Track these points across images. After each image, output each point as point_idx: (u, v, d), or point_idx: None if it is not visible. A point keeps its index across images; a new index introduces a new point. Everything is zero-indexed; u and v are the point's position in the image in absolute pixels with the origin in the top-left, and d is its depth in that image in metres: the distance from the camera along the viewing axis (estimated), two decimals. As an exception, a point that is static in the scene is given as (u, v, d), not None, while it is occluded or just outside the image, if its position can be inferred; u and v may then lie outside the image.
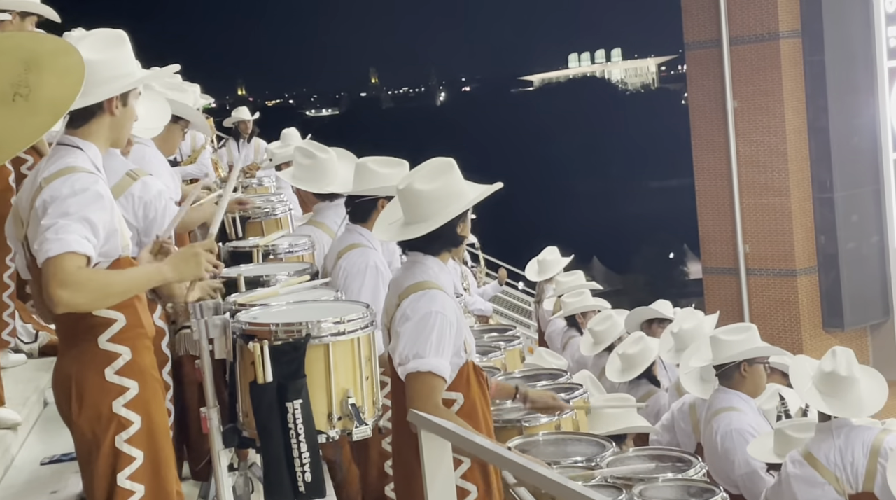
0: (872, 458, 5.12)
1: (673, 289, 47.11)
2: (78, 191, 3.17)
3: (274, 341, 3.36)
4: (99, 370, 3.26)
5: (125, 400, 3.27)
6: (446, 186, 3.87)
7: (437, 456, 3.18)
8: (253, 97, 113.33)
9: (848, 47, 19.18)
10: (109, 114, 3.35)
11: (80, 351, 3.28)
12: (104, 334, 3.27)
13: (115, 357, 3.27)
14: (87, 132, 3.33)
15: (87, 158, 3.30)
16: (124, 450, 3.27)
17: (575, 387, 5.14)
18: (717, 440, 5.77)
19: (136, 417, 3.28)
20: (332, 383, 3.41)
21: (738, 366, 5.85)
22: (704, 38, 19.95)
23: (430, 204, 3.85)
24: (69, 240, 3.09)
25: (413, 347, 3.73)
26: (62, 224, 3.10)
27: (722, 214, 20.06)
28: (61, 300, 3.07)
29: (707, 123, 20.13)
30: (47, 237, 3.09)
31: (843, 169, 19.19)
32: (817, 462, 5.23)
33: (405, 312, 3.81)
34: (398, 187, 3.93)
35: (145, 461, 3.29)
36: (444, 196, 3.85)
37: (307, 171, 5.60)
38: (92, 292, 3.12)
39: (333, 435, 3.45)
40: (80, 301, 3.10)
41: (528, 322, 16.57)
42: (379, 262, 4.89)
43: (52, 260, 3.07)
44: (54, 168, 3.24)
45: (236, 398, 3.52)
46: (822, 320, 19.52)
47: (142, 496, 3.29)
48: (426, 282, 3.85)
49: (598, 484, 4.05)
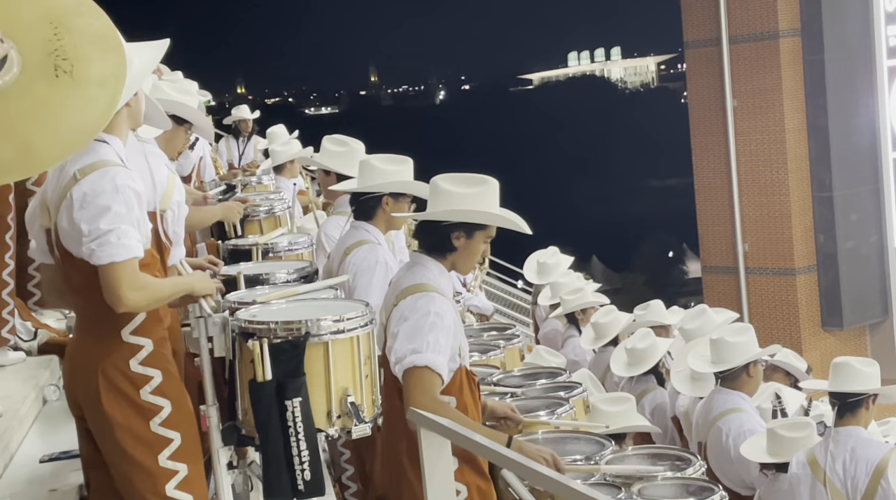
0: (875, 478, 5.11)
1: (672, 288, 47.16)
2: (121, 188, 3.27)
3: (273, 340, 3.37)
4: (124, 362, 3.36)
5: (151, 388, 3.37)
6: (466, 195, 3.85)
7: (436, 454, 3.18)
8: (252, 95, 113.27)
9: (847, 46, 19.18)
10: (126, 106, 3.42)
11: (104, 343, 3.37)
12: (127, 326, 3.37)
13: (138, 349, 3.37)
14: (109, 127, 3.36)
15: (114, 151, 3.37)
16: (160, 433, 3.36)
17: (574, 385, 5.14)
18: (730, 442, 5.77)
19: (164, 401, 3.38)
20: (331, 382, 3.42)
21: (744, 367, 5.86)
22: (704, 36, 19.96)
23: (443, 198, 3.86)
24: (131, 246, 3.25)
25: (410, 343, 3.73)
26: (123, 229, 3.24)
27: (721, 213, 20.07)
28: (130, 302, 3.25)
29: (706, 122, 20.14)
30: (111, 241, 3.22)
31: (842, 168, 19.20)
32: (818, 468, 5.23)
33: (403, 312, 3.80)
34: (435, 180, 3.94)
35: (183, 442, 3.39)
36: (457, 200, 3.85)
37: (340, 157, 5.65)
38: (151, 295, 3.31)
39: (333, 433, 3.46)
40: (144, 303, 3.30)
41: (527, 321, 16.56)
42: (388, 258, 4.89)
43: (119, 265, 3.24)
44: (87, 160, 3.30)
45: (235, 396, 3.53)
46: (820, 319, 19.54)
47: (186, 475, 3.38)
48: (425, 284, 3.84)
49: (598, 482, 4.06)
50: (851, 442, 5.23)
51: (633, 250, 57.03)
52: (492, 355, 5.63)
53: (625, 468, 4.20)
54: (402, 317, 3.79)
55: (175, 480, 3.36)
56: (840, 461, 5.20)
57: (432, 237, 3.92)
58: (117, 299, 3.23)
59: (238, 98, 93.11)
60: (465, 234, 3.88)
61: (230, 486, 3.62)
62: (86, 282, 3.32)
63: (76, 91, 3.11)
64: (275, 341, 3.36)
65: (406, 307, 3.80)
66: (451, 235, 3.87)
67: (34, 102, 3.07)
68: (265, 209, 6.19)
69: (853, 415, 5.36)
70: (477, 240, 3.91)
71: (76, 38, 3.13)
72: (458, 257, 3.92)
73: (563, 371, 5.57)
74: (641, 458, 4.37)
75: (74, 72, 3.11)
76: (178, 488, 3.37)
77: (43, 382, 5.25)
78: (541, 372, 5.45)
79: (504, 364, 5.69)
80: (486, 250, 3.99)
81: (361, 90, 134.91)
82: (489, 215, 3.86)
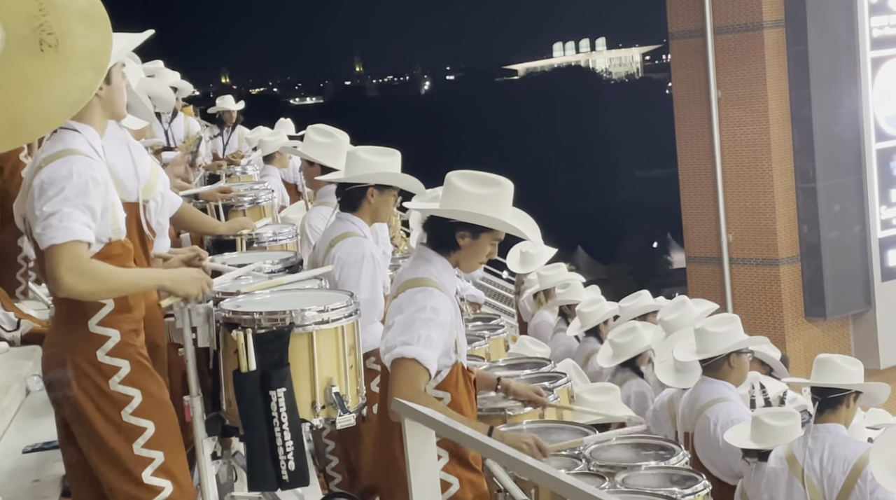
0: (852, 477, 5.11)
1: (656, 278, 47.25)
2: (75, 175, 3.24)
3: (258, 330, 3.36)
4: (92, 352, 3.35)
5: (120, 378, 3.36)
6: (478, 196, 3.83)
7: (421, 445, 3.17)
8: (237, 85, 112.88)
9: (831, 37, 19.22)
10: (95, 96, 3.36)
11: (73, 333, 3.36)
12: (94, 317, 3.35)
13: (104, 340, 3.36)
14: (80, 115, 3.35)
15: (85, 140, 3.35)
16: (132, 422, 3.35)
17: (558, 376, 5.15)
18: (718, 431, 5.78)
19: (134, 391, 3.37)
20: (315, 372, 3.41)
21: (726, 358, 5.87)
22: (689, 27, 19.97)
23: (455, 197, 3.85)
24: (74, 228, 3.20)
25: (402, 335, 3.73)
26: (66, 212, 3.20)
27: (705, 203, 20.11)
28: (66, 285, 3.19)
29: (691, 113, 20.16)
30: (51, 224, 3.19)
31: (825, 159, 19.26)
32: (796, 464, 5.25)
33: (400, 304, 3.81)
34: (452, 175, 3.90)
35: (158, 430, 3.38)
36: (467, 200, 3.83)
37: (324, 149, 5.64)
38: (96, 282, 3.24)
39: (317, 424, 3.45)
40: (83, 288, 3.23)
41: (511, 311, 16.57)
42: (374, 251, 4.89)
43: (58, 247, 3.19)
44: (53, 150, 3.30)
45: (219, 387, 3.52)
46: (804, 310, 19.62)
47: (163, 461, 3.37)
48: (426, 279, 3.84)
49: (582, 472, 4.07)
50: (830, 440, 5.23)
51: (618, 241, 57.14)
52: (477, 345, 5.65)
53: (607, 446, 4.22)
54: (399, 309, 3.80)
55: (151, 467, 3.36)
56: (818, 457, 5.20)
57: (438, 233, 3.91)
58: (54, 281, 3.20)
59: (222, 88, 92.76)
60: (470, 234, 3.87)
61: (214, 476, 3.62)
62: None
63: (61, 65, 3.12)
64: (259, 332, 3.36)
65: (404, 300, 3.81)
66: (457, 234, 3.87)
67: (19, 75, 3.09)
68: (249, 199, 6.19)
69: (833, 412, 5.33)
70: (483, 241, 3.90)
71: (61, 13, 3.14)
72: (462, 256, 3.91)
73: (547, 361, 5.58)
74: (626, 447, 4.38)
75: (59, 46, 3.11)
76: (156, 474, 3.36)
77: (26, 372, 5.23)
78: (525, 362, 5.45)
79: (489, 355, 5.70)
80: (492, 251, 3.97)
81: (346, 81, 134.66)
82: (493, 221, 3.85)
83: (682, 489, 3.95)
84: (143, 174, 4.05)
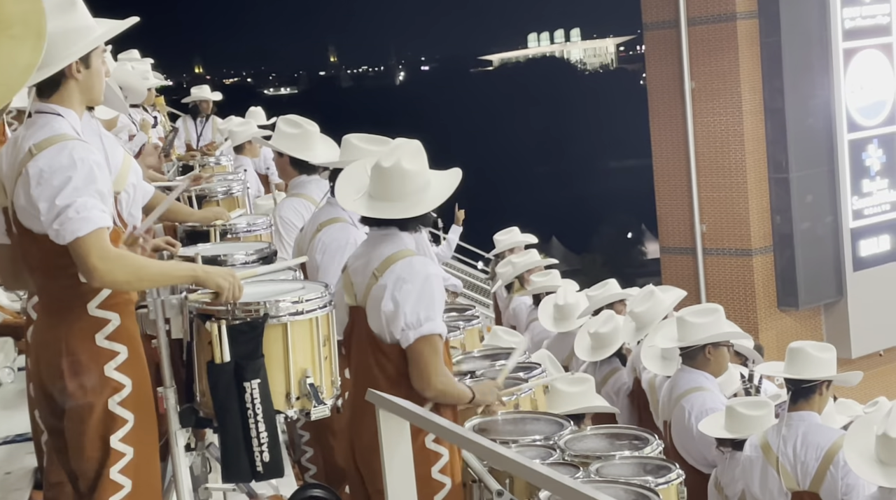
0: (825, 463, 5.16)
1: (630, 269, 47.42)
2: (79, 162, 3.19)
3: (232, 321, 3.34)
4: (90, 336, 3.30)
5: (116, 364, 3.31)
6: (424, 169, 3.94)
7: (395, 435, 3.18)
8: (210, 75, 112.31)
9: (804, 29, 19.32)
10: (73, 79, 3.33)
11: (69, 318, 3.30)
12: (93, 300, 3.30)
13: (104, 323, 3.31)
14: (60, 98, 3.32)
15: (69, 124, 3.31)
16: (117, 412, 3.31)
17: (533, 366, 5.16)
18: (692, 420, 5.81)
19: (127, 380, 3.32)
20: (290, 363, 3.40)
21: (703, 348, 5.89)
22: (662, 18, 20.02)
23: (415, 184, 3.90)
24: (94, 217, 3.16)
25: (423, 309, 3.81)
26: (81, 201, 3.15)
27: (679, 194, 20.20)
28: (102, 273, 3.15)
29: (665, 104, 20.23)
30: (70, 217, 3.14)
31: (798, 150, 19.37)
32: (770, 452, 5.28)
33: (400, 275, 3.84)
34: (382, 164, 3.92)
35: (136, 423, 3.34)
36: (428, 178, 3.93)
37: (293, 140, 5.63)
38: (131, 269, 3.21)
39: (292, 415, 3.44)
40: (118, 277, 3.19)
41: (486, 301, 16.60)
42: (360, 238, 4.88)
43: (83, 239, 3.14)
44: (42, 135, 3.24)
45: (193, 378, 3.50)
46: (776, 299, 19.75)
47: (131, 459, 3.33)
48: (407, 250, 3.89)
49: (556, 462, 4.08)
50: (803, 427, 5.27)
51: (593, 231, 57.27)
52: (452, 336, 5.64)
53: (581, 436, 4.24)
54: (401, 279, 3.83)
55: (121, 462, 3.32)
56: (791, 445, 5.24)
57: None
58: (89, 271, 3.15)
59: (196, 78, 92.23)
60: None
61: (188, 468, 3.60)
62: (46, 259, 3.27)
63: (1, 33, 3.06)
64: (233, 323, 3.34)
65: (402, 271, 3.84)
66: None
67: None
68: (223, 190, 6.15)
69: (806, 401, 5.38)
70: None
71: None
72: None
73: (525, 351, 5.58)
74: (600, 437, 4.40)
75: None
76: (123, 471, 3.32)
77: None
78: (500, 353, 5.46)
79: (464, 345, 5.70)
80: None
81: (321, 71, 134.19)
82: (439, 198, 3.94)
83: (655, 478, 3.98)
84: (115, 165, 4.02)
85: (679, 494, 4.04)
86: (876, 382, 19.87)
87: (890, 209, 20.36)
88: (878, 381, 19.93)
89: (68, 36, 3.28)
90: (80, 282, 3.27)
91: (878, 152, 20.13)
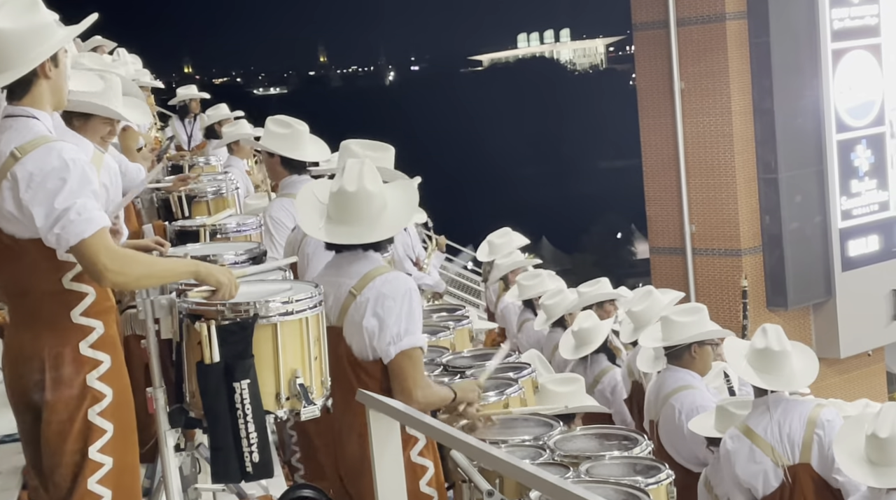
0: (809, 428, 5.18)
1: (620, 269, 47.47)
2: (70, 163, 3.16)
3: (221, 321, 3.33)
4: (74, 344, 3.27)
5: (98, 374, 3.29)
6: (382, 187, 3.95)
7: (385, 436, 3.18)
8: (199, 75, 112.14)
9: (793, 29, 19.38)
10: (45, 78, 3.30)
11: (52, 326, 3.27)
12: (77, 308, 3.28)
13: (89, 331, 3.29)
14: (32, 101, 3.29)
15: (44, 126, 3.28)
16: (97, 423, 3.29)
17: (523, 366, 5.16)
18: (682, 419, 5.82)
19: (108, 390, 3.31)
20: (280, 364, 3.39)
21: (688, 347, 5.91)
22: (652, 19, 20.06)
23: (380, 204, 3.93)
24: (95, 217, 3.14)
25: (405, 323, 3.82)
26: (80, 203, 3.13)
27: (668, 194, 20.24)
28: (114, 272, 3.13)
29: (654, 104, 20.26)
30: (71, 219, 3.11)
31: (787, 150, 19.42)
32: (755, 435, 5.29)
33: (381, 291, 3.84)
34: (347, 189, 3.90)
35: (115, 434, 3.32)
36: (385, 196, 3.94)
37: (283, 139, 5.64)
38: (140, 267, 3.20)
39: (282, 415, 3.44)
40: (129, 274, 3.17)
41: (476, 302, 16.61)
42: None
43: (88, 240, 3.12)
44: (24, 138, 3.20)
45: (182, 379, 3.49)
46: (766, 299, 19.80)
47: (110, 469, 3.31)
48: (383, 267, 3.91)
49: (546, 462, 4.08)
50: (781, 404, 5.27)
51: (583, 231, 57.36)
52: (441, 336, 5.64)
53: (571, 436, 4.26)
54: (382, 295, 3.84)
55: (99, 473, 3.29)
56: (773, 422, 5.25)
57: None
58: (100, 272, 3.12)
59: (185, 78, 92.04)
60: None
61: (177, 469, 3.59)
62: (31, 265, 3.23)
63: None
64: (223, 323, 3.33)
65: (382, 287, 3.85)
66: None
67: None
68: (213, 190, 6.15)
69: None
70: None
71: None
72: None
73: (511, 352, 5.59)
74: (589, 438, 4.41)
75: None
76: (101, 482, 3.29)
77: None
78: (490, 353, 5.46)
79: (454, 345, 5.70)
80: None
81: (310, 71, 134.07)
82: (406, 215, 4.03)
83: (645, 478, 3.98)
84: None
85: (669, 494, 4.05)
86: (863, 381, 19.96)
87: (878, 210, 20.43)
88: (866, 381, 20.02)
89: (38, 34, 3.26)
90: (64, 289, 3.24)
91: (866, 153, 20.19)
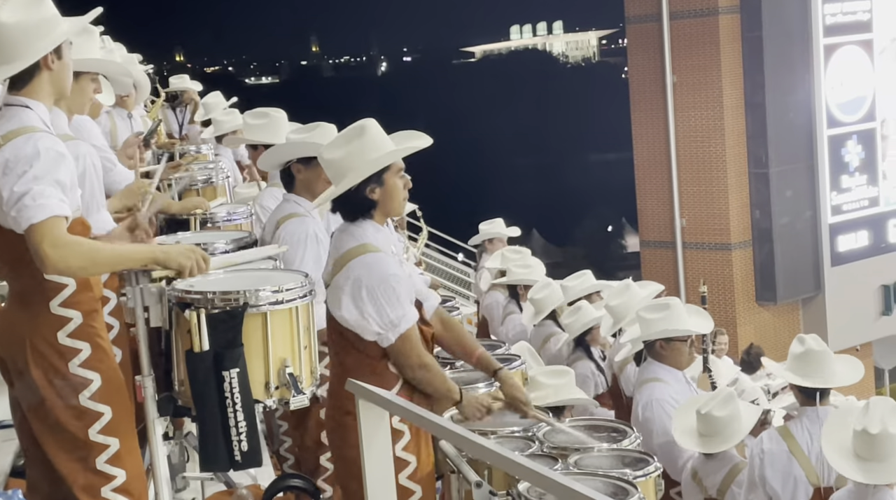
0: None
1: (611, 262, 47.52)
2: (42, 152, 3.19)
3: (211, 310, 3.33)
4: (52, 333, 3.31)
5: (80, 361, 3.32)
6: (351, 152, 3.89)
7: (375, 426, 3.17)
8: (191, 64, 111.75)
9: (785, 24, 19.39)
10: (47, 70, 3.34)
11: (32, 315, 3.31)
12: (56, 298, 3.31)
13: (66, 321, 3.32)
14: (30, 91, 3.33)
15: (38, 116, 3.31)
16: (90, 406, 3.32)
17: (513, 358, 5.16)
18: (639, 410, 5.85)
19: (93, 374, 3.34)
20: (269, 352, 3.39)
21: (654, 343, 5.93)
22: (645, 12, 20.05)
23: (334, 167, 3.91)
24: (49, 204, 3.14)
25: (391, 310, 3.80)
26: (38, 190, 3.14)
27: (659, 187, 20.25)
28: (54, 261, 3.12)
29: (646, 98, 20.27)
30: (25, 204, 3.13)
31: (778, 145, 19.45)
32: (796, 446, 5.23)
33: (357, 277, 3.81)
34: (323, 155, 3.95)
35: (114, 414, 3.35)
36: (347, 157, 3.88)
37: (263, 129, 5.67)
38: (83, 256, 3.17)
39: (271, 404, 3.44)
40: (71, 263, 3.15)
41: (467, 294, 16.62)
42: (318, 230, 4.86)
43: (38, 225, 3.12)
44: (10, 127, 3.25)
45: (172, 367, 3.49)
46: (755, 294, 19.84)
47: (118, 450, 3.34)
48: (365, 245, 3.86)
49: (535, 454, 4.09)
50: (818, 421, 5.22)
51: (573, 225, 57.35)
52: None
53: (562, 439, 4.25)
54: (358, 284, 3.80)
55: (106, 454, 3.33)
56: (817, 438, 5.14)
57: (350, 205, 3.93)
58: (40, 259, 3.13)
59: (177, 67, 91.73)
60: (376, 183, 3.89)
61: (166, 457, 3.59)
62: (12, 252, 3.27)
63: None
64: (212, 312, 3.32)
65: (361, 275, 3.81)
66: (366, 192, 3.89)
67: None
68: (204, 179, 6.14)
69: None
70: (390, 181, 3.92)
71: None
72: (383, 207, 3.93)
73: (502, 344, 5.59)
74: (578, 429, 4.41)
75: None
76: (109, 462, 3.34)
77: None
78: (485, 344, 5.45)
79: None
80: (407, 181, 3.99)
81: (302, 60, 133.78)
82: (386, 156, 3.88)
83: (633, 470, 3.99)
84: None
85: (657, 486, 4.05)
86: (852, 376, 19.98)
87: (868, 205, 20.48)
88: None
89: (41, 27, 3.30)
90: (43, 278, 3.27)
91: (857, 148, 20.23)
